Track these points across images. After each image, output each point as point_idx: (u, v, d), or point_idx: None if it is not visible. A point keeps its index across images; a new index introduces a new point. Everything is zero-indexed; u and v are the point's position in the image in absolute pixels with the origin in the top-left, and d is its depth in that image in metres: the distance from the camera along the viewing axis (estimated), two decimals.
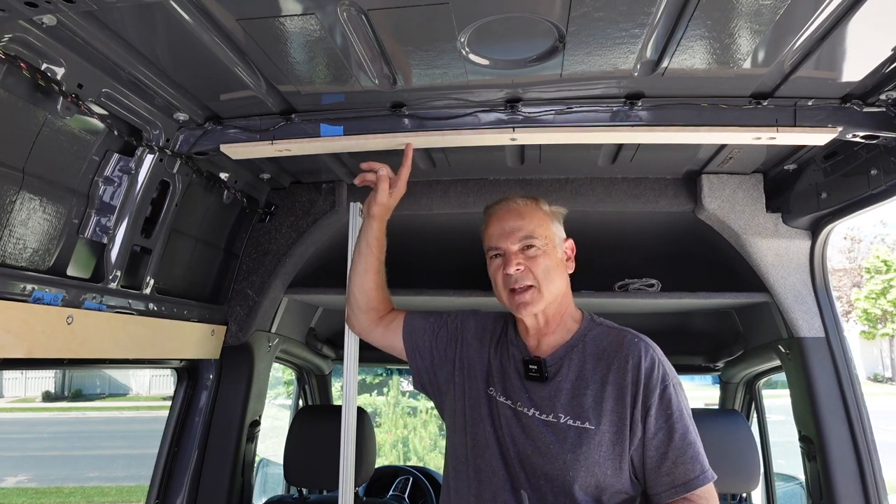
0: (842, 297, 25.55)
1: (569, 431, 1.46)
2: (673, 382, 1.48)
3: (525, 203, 1.65)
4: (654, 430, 1.44)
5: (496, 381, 1.61)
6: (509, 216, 1.62)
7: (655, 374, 1.46)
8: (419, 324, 1.81)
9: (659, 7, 1.28)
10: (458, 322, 1.78)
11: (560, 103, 1.74)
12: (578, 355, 1.55)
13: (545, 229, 1.61)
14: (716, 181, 2.31)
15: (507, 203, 1.66)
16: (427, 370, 1.77)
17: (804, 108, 1.68)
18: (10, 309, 1.45)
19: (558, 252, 1.62)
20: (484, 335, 1.72)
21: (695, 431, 1.46)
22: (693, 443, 1.44)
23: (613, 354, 1.51)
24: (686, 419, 1.46)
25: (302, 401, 3.81)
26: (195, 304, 2.29)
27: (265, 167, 2.34)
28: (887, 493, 2.06)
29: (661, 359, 1.51)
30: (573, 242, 1.69)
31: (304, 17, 1.30)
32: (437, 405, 1.80)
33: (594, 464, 1.43)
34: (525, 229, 1.59)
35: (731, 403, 3.20)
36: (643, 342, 1.52)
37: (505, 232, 1.60)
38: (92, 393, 20.75)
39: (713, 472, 1.44)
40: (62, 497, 10.67)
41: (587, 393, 1.49)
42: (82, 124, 1.59)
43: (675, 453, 1.42)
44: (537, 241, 1.58)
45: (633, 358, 1.48)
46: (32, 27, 1.28)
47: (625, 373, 1.47)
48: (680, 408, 1.46)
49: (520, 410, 1.53)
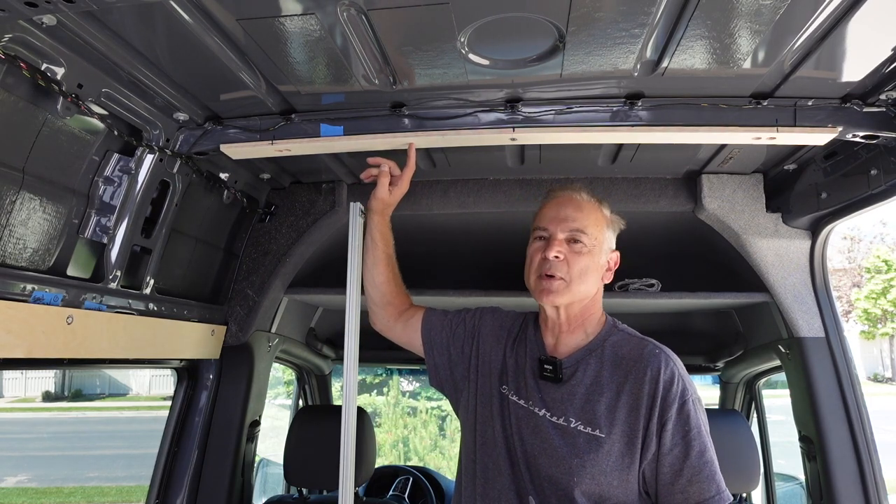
0: (842, 297, 25.56)
1: (579, 437, 1.44)
2: (692, 398, 1.43)
3: (588, 199, 1.63)
4: (669, 446, 1.39)
5: (510, 380, 1.59)
6: (569, 205, 1.60)
7: (675, 388, 1.42)
8: (437, 320, 1.80)
9: (659, 7, 1.28)
10: (476, 318, 1.77)
11: (560, 103, 1.74)
12: (596, 360, 1.52)
13: (598, 230, 1.59)
14: (716, 181, 2.31)
15: (571, 192, 1.64)
16: (444, 367, 1.76)
17: (804, 108, 1.68)
18: (10, 309, 1.45)
19: (602, 258, 1.59)
20: (501, 332, 1.71)
21: (712, 450, 1.41)
22: (710, 461, 1.39)
23: (632, 364, 1.47)
24: (704, 437, 1.41)
25: (302, 401, 3.81)
26: (195, 304, 2.29)
27: (265, 167, 2.34)
28: (887, 493, 2.06)
29: (682, 373, 1.46)
30: (619, 256, 1.66)
31: (304, 17, 1.30)
32: (453, 403, 1.79)
33: (600, 472, 1.40)
34: (579, 222, 1.57)
35: (731, 403, 3.20)
36: (664, 354, 1.48)
37: (559, 217, 1.58)
38: (92, 393, 20.75)
39: (729, 494, 1.39)
40: (62, 497, 10.67)
41: (601, 400, 1.45)
42: (82, 124, 1.59)
43: (690, 471, 1.38)
44: (585, 238, 1.56)
45: (651, 369, 1.44)
46: (32, 27, 1.28)
47: (642, 384, 1.43)
48: (699, 424, 1.41)
49: (531, 410, 1.52)
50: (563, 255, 1.55)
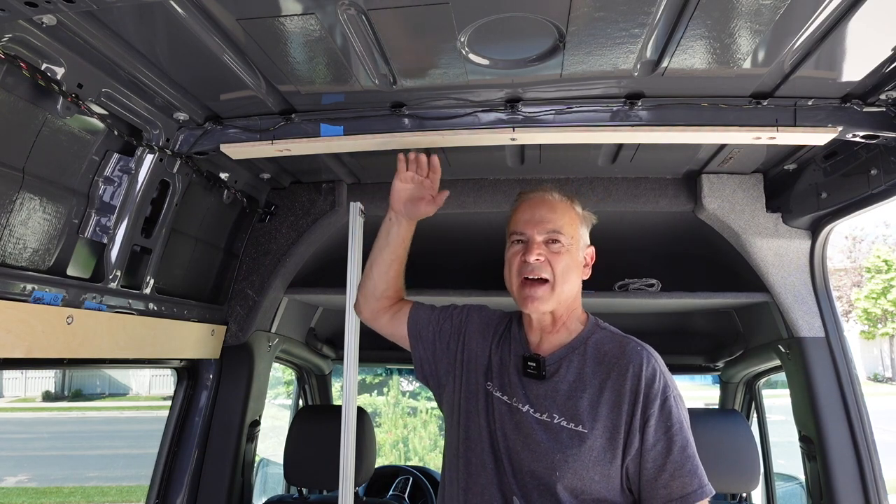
0: (842, 297, 25.56)
1: (562, 432, 1.45)
2: (674, 394, 1.46)
3: (560, 199, 1.63)
4: (652, 441, 1.41)
5: (494, 377, 1.61)
6: (542, 206, 1.61)
7: (656, 385, 1.44)
8: (424, 314, 1.80)
9: (659, 7, 1.28)
10: (463, 315, 1.78)
11: (560, 103, 1.74)
12: (579, 357, 1.54)
13: (573, 229, 1.60)
14: (716, 181, 2.31)
15: (543, 194, 1.64)
16: (428, 361, 1.77)
17: (804, 107, 1.68)
18: (10, 309, 1.45)
19: (580, 255, 1.61)
20: (487, 330, 1.72)
21: (694, 446, 1.43)
22: (692, 456, 1.41)
23: (615, 360, 1.50)
24: (686, 432, 1.43)
25: (302, 401, 3.81)
26: (195, 304, 2.29)
27: (265, 167, 2.34)
28: (887, 493, 2.06)
29: (663, 370, 1.48)
30: (594, 251, 1.67)
31: (304, 17, 1.30)
32: (437, 397, 1.80)
33: (583, 467, 1.42)
34: (554, 223, 1.58)
35: (731, 403, 3.20)
36: (645, 351, 1.50)
37: (534, 220, 1.59)
38: (92, 393, 20.74)
39: (711, 488, 1.41)
40: (62, 497, 10.66)
41: (584, 396, 1.48)
42: (82, 124, 1.59)
43: (673, 465, 1.40)
44: (563, 238, 1.57)
45: (634, 366, 1.46)
46: (32, 27, 1.28)
47: (624, 380, 1.45)
48: (680, 420, 1.43)
49: (515, 406, 1.53)
50: (543, 256, 1.56)
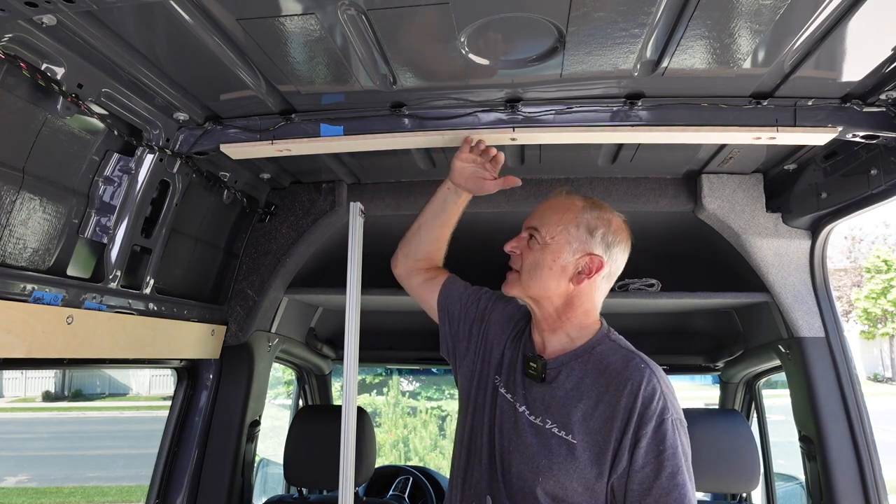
0: (842, 297, 25.54)
1: (552, 439, 1.43)
2: (672, 418, 1.38)
3: (568, 199, 1.61)
4: (641, 464, 1.35)
5: (503, 372, 1.62)
6: (545, 205, 1.64)
7: (654, 406, 1.37)
8: (456, 291, 1.82)
9: (659, 7, 1.28)
10: (490, 302, 1.79)
11: (560, 103, 1.74)
12: (581, 366, 1.50)
13: (558, 228, 1.55)
14: (716, 181, 2.31)
15: (558, 195, 1.66)
16: (452, 337, 1.79)
17: (804, 108, 1.68)
18: (10, 309, 1.45)
19: (564, 256, 1.53)
20: (507, 323, 1.72)
21: (688, 474, 1.35)
22: (681, 485, 1.33)
23: (615, 374, 1.44)
24: (679, 459, 1.35)
25: (302, 401, 3.81)
26: (195, 304, 2.29)
27: (265, 167, 2.34)
28: (887, 493, 2.06)
29: (666, 391, 1.41)
30: (601, 263, 1.54)
31: (304, 17, 1.30)
32: (454, 375, 1.81)
33: (566, 477, 1.39)
34: (538, 220, 1.60)
35: (730, 403, 3.20)
36: (649, 369, 1.43)
37: (531, 215, 1.64)
38: (92, 393, 20.73)
39: None
40: (62, 497, 10.66)
41: (578, 406, 1.44)
42: (82, 124, 1.59)
43: (658, 491, 1.32)
44: (538, 235, 1.57)
45: (632, 383, 1.40)
46: (32, 27, 1.28)
47: (620, 396, 1.39)
48: (675, 445, 1.35)
49: (514, 405, 1.54)
50: (518, 249, 1.61)
